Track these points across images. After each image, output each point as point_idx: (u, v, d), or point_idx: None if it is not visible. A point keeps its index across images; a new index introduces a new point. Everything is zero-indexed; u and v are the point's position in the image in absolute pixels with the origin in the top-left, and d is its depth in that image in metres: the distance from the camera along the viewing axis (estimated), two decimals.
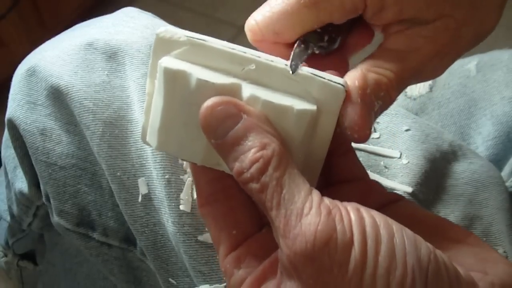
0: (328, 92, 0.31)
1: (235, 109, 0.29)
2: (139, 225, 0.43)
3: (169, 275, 0.43)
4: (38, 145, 0.45)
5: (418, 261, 0.27)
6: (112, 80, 0.44)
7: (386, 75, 0.32)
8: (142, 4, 0.77)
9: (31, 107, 0.46)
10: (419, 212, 0.33)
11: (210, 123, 0.29)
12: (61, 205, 0.45)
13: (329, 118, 0.31)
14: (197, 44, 0.31)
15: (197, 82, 0.29)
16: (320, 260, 0.26)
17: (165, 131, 0.31)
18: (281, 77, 0.31)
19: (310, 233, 0.27)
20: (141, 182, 0.42)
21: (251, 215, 0.32)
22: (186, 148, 0.31)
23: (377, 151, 0.47)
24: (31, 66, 0.46)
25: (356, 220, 0.27)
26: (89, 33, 0.47)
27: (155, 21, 0.48)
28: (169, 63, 0.30)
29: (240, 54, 0.31)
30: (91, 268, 0.53)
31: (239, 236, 0.32)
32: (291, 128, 0.30)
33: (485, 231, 0.45)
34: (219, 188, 0.32)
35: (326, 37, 0.35)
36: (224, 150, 0.29)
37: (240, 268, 0.31)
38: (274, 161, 0.28)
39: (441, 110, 0.57)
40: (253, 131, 0.29)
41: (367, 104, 0.31)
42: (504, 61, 0.56)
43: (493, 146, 0.53)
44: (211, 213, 0.32)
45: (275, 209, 0.28)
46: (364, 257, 0.26)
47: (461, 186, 0.47)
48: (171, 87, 0.30)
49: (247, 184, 0.29)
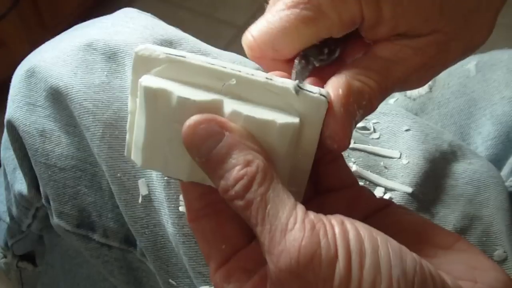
0: (310, 103, 0.31)
1: (217, 127, 0.29)
2: (139, 226, 0.43)
3: (169, 276, 0.43)
4: (37, 146, 0.45)
5: (403, 274, 0.26)
6: (111, 81, 0.44)
7: (369, 84, 0.32)
8: (142, 4, 0.77)
9: (30, 108, 0.46)
10: (407, 218, 0.33)
11: (193, 142, 0.29)
12: (61, 207, 0.45)
13: (312, 129, 0.31)
14: (176, 61, 0.31)
15: (178, 99, 0.29)
16: (305, 276, 0.26)
17: (149, 149, 0.31)
18: (262, 91, 0.31)
19: (294, 249, 0.26)
20: (141, 183, 0.42)
21: (240, 228, 0.32)
22: (171, 165, 0.31)
23: (377, 151, 0.47)
24: (31, 67, 0.46)
25: (340, 233, 0.27)
26: (88, 33, 0.47)
27: (154, 22, 0.48)
28: (149, 82, 0.30)
29: (220, 70, 0.30)
30: (91, 269, 0.53)
31: (229, 250, 0.31)
32: (275, 142, 0.30)
33: (485, 231, 0.45)
34: (208, 202, 0.32)
35: (326, 50, 0.34)
36: (209, 168, 0.29)
37: (230, 283, 0.31)
38: (258, 177, 0.28)
39: (441, 110, 0.57)
40: (236, 148, 0.29)
41: (349, 113, 0.31)
42: (504, 61, 0.56)
43: (493, 146, 0.53)
44: (200, 228, 0.32)
45: (260, 225, 0.27)
46: (348, 272, 0.26)
47: (461, 186, 0.47)
48: (152, 105, 0.30)
49: (233, 201, 0.28)
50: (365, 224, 0.28)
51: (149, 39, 0.45)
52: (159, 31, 0.46)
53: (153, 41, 0.45)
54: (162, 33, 0.46)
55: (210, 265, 0.32)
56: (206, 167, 0.29)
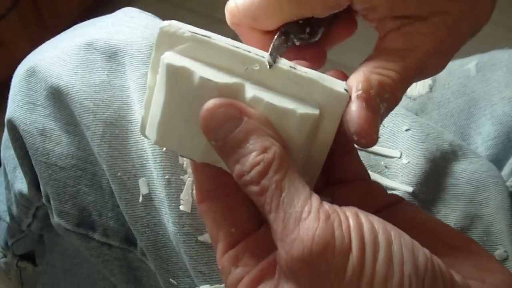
0: (331, 96, 0.31)
1: (236, 112, 0.29)
2: (140, 225, 0.43)
3: (169, 275, 0.43)
4: (38, 145, 0.45)
5: (415, 269, 0.26)
6: (112, 80, 0.44)
7: (389, 76, 0.32)
8: (142, 4, 0.77)
9: (30, 108, 0.46)
10: (419, 215, 0.33)
11: (210, 125, 0.29)
12: (61, 206, 0.45)
13: (330, 122, 0.31)
14: (201, 40, 0.30)
15: (200, 80, 0.29)
16: (317, 265, 0.26)
17: (165, 126, 0.31)
18: (284, 79, 0.30)
19: (307, 238, 0.26)
20: (142, 183, 0.42)
21: (250, 212, 0.32)
22: (185, 144, 0.31)
23: (378, 151, 0.47)
24: (31, 67, 0.46)
25: (354, 226, 0.27)
26: (89, 33, 0.47)
27: (155, 21, 0.48)
28: (172, 59, 0.30)
29: (244, 53, 0.30)
30: (91, 268, 0.53)
31: (238, 234, 0.32)
32: (293, 131, 0.30)
33: (485, 230, 0.45)
34: (218, 185, 0.32)
35: (307, 29, 0.34)
36: (225, 152, 0.29)
37: (237, 267, 0.31)
38: (274, 164, 0.28)
39: (441, 110, 0.57)
40: (254, 134, 0.29)
41: (372, 107, 0.31)
42: (504, 61, 0.56)
43: (493, 146, 0.53)
44: (210, 210, 0.32)
45: (274, 212, 0.28)
46: (361, 264, 0.26)
47: (461, 185, 0.47)
48: (173, 83, 0.30)
49: (247, 186, 0.28)
50: (379, 217, 0.28)
51: (149, 39, 0.45)
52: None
53: (154, 41, 0.45)
54: None
55: (218, 247, 0.32)
56: (222, 151, 0.29)
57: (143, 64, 0.44)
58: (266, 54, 0.31)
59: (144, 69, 0.44)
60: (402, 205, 0.34)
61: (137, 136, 0.43)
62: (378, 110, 0.31)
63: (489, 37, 0.36)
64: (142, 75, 0.44)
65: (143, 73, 0.44)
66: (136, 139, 0.43)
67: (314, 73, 0.31)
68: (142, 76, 0.44)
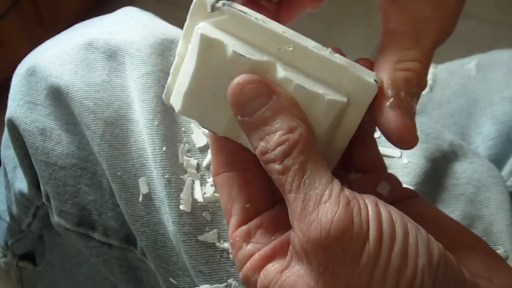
0: (360, 86, 0.31)
1: (265, 89, 0.29)
2: (140, 224, 0.43)
3: (169, 275, 0.43)
4: (38, 145, 0.45)
5: (429, 263, 0.27)
6: (112, 80, 0.44)
7: (414, 69, 0.31)
8: (142, 4, 0.77)
9: (30, 107, 0.46)
10: (432, 211, 0.33)
11: (239, 100, 0.29)
12: (61, 205, 0.45)
13: (357, 111, 0.31)
14: (236, 15, 0.30)
15: (232, 54, 0.29)
16: (333, 249, 0.26)
17: (191, 96, 0.31)
18: (316, 63, 0.31)
19: (326, 221, 0.27)
20: (142, 182, 0.42)
21: (265, 190, 0.32)
22: (209, 116, 0.31)
23: None
24: (31, 66, 0.46)
25: (373, 214, 0.27)
26: (89, 32, 0.47)
27: (155, 21, 0.48)
28: (207, 30, 0.30)
29: (279, 33, 0.30)
30: (91, 268, 0.53)
31: (252, 210, 0.32)
32: (319, 116, 0.30)
33: (485, 230, 0.45)
34: (236, 159, 0.32)
35: None
36: (250, 128, 0.29)
37: (249, 243, 0.31)
38: (299, 145, 0.28)
39: (441, 110, 0.57)
40: (281, 113, 0.29)
41: (407, 112, 0.30)
42: (504, 61, 0.56)
43: (493, 146, 0.53)
44: (226, 183, 0.32)
45: (294, 192, 0.28)
46: (377, 253, 0.26)
47: (461, 185, 0.47)
48: (205, 54, 0.30)
49: (269, 164, 0.29)
50: (397, 209, 0.28)
51: (149, 38, 0.45)
52: (159, 30, 0.46)
53: (154, 40, 0.45)
54: (163, 32, 0.46)
55: (231, 221, 0.32)
56: (247, 126, 0.29)
57: (143, 64, 0.44)
58: (302, 37, 0.31)
59: (144, 68, 0.44)
60: (417, 200, 0.34)
61: (137, 135, 0.43)
62: (412, 111, 0.31)
63: (489, 37, 0.36)
64: (142, 74, 0.44)
65: (143, 72, 0.44)
66: (136, 138, 0.43)
67: (345, 60, 0.31)
68: (142, 75, 0.44)
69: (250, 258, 0.31)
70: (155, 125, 0.42)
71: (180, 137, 0.43)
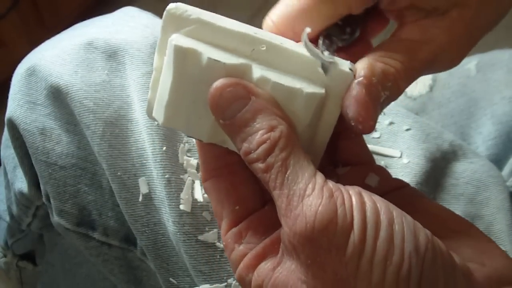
0: (336, 76, 0.31)
1: (244, 91, 0.29)
2: (140, 224, 0.42)
3: (169, 275, 0.43)
4: (38, 144, 0.45)
5: (415, 249, 0.27)
6: (112, 80, 0.44)
7: (394, 66, 0.32)
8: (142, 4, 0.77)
9: (30, 107, 0.46)
10: (423, 200, 0.33)
11: (219, 104, 0.29)
12: (61, 205, 0.45)
13: (336, 101, 0.31)
14: (207, 23, 0.31)
15: (208, 61, 0.30)
16: (319, 241, 0.27)
17: (173, 107, 0.31)
18: (291, 59, 0.31)
19: (310, 214, 0.27)
20: (142, 182, 0.42)
21: (254, 191, 0.33)
22: (193, 124, 0.31)
23: (378, 150, 0.47)
24: (31, 66, 0.46)
25: (357, 204, 0.27)
26: (89, 32, 0.47)
27: (155, 21, 0.48)
28: (180, 41, 0.30)
29: (250, 35, 0.31)
30: (91, 268, 0.53)
31: (242, 212, 0.32)
32: (300, 111, 0.31)
33: (485, 230, 0.45)
34: (223, 164, 0.33)
35: (348, 29, 0.34)
36: (232, 130, 0.30)
37: (241, 244, 0.31)
38: (280, 143, 0.29)
39: (441, 110, 0.57)
40: (261, 113, 0.29)
41: (372, 95, 0.31)
42: (504, 61, 0.56)
43: (493, 146, 0.53)
44: (215, 188, 0.33)
45: (279, 188, 0.28)
46: (362, 243, 0.27)
47: (461, 185, 0.47)
48: (181, 65, 0.30)
49: (253, 163, 0.29)
50: (382, 198, 0.28)
51: (149, 38, 0.45)
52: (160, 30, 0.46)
53: (154, 40, 0.45)
54: None
55: (222, 224, 0.32)
56: (230, 130, 0.30)
57: (143, 63, 0.44)
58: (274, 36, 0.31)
59: (145, 68, 0.44)
60: (407, 190, 0.34)
61: (137, 135, 0.43)
62: (378, 98, 0.31)
63: (489, 37, 0.36)
64: (143, 74, 0.44)
65: (143, 72, 0.44)
66: (136, 138, 0.43)
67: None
68: (142, 75, 0.44)
69: (242, 258, 0.31)
70: (155, 125, 0.42)
71: (180, 136, 0.43)
